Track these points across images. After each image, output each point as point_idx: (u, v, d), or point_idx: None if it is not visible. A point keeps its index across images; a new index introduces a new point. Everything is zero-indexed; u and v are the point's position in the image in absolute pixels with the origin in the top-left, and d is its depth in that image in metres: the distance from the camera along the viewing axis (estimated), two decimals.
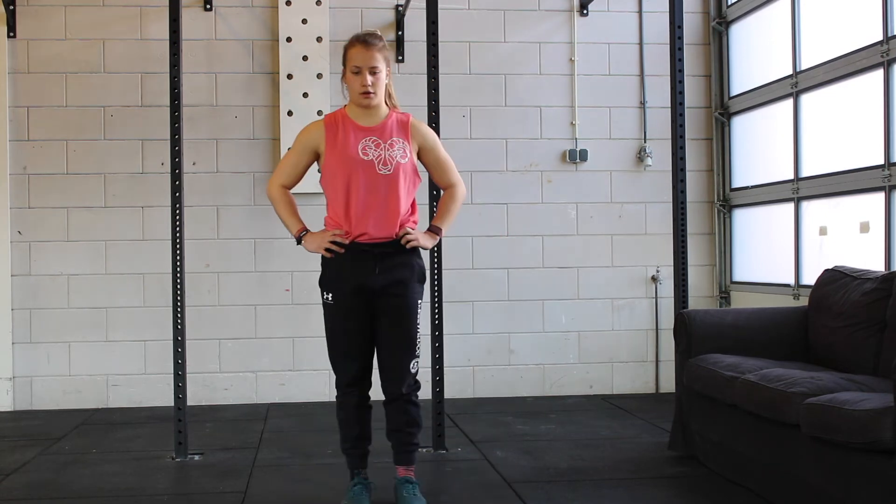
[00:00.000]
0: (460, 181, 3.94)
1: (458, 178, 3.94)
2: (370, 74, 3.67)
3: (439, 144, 3.90)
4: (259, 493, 4.12)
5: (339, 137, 3.72)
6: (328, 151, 3.74)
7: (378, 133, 3.73)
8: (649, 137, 6.61)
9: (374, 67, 3.67)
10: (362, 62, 3.67)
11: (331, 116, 3.80)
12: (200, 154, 6.30)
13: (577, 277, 6.58)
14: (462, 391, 6.44)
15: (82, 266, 6.25)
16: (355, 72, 3.68)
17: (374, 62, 3.67)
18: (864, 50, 5.03)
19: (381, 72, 3.69)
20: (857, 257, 5.05)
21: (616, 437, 5.13)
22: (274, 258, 6.33)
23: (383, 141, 3.71)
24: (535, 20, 6.58)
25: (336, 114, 3.80)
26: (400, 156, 3.71)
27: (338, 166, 3.70)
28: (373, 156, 3.69)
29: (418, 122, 3.85)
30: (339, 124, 3.75)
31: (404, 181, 3.71)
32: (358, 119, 3.75)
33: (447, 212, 3.91)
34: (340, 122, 3.75)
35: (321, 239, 3.74)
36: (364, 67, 3.67)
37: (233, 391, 6.35)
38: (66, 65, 6.25)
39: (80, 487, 4.25)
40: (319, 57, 6.32)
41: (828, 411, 3.34)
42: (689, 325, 4.57)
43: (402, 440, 3.83)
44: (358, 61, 3.67)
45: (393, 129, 3.75)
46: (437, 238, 3.89)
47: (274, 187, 3.86)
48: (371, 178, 3.68)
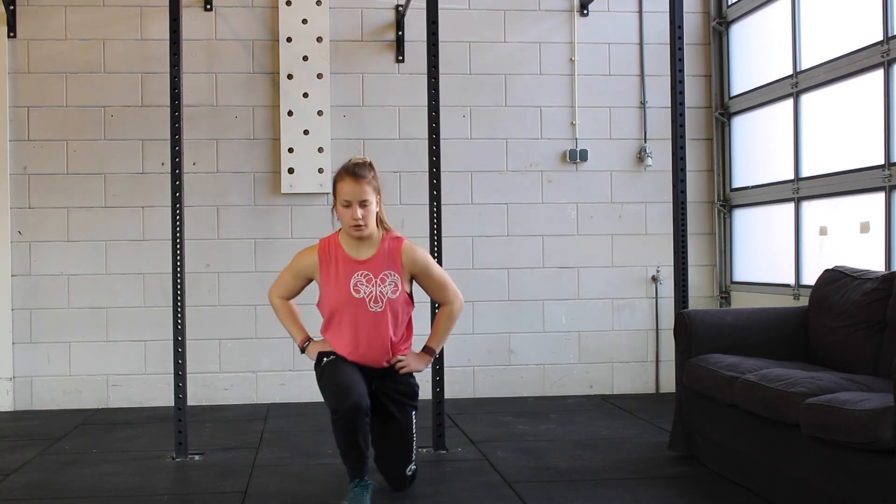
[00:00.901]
0: (457, 297, 4.05)
1: (455, 294, 4.04)
2: (360, 207, 3.76)
3: (431, 266, 4.01)
4: (259, 493, 4.12)
5: (332, 271, 3.86)
6: (323, 283, 3.90)
7: (370, 267, 3.85)
8: (649, 137, 6.61)
9: (364, 201, 3.77)
10: (352, 196, 3.76)
11: (324, 245, 3.91)
12: (200, 154, 6.30)
13: (577, 277, 6.58)
14: (462, 391, 6.44)
15: (82, 266, 6.25)
16: (346, 205, 3.78)
17: (363, 195, 3.76)
18: (864, 50, 5.03)
19: (370, 203, 3.78)
20: (858, 257, 5.04)
21: (616, 437, 5.13)
22: (274, 258, 6.32)
23: (374, 276, 3.84)
24: (535, 20, 6.58)
25: (330, 242, 3.91)
26: (391, 291, 3.85)
27: (332, 302, 3.87)
28: (364, 293, 3.83)
29: (410, 247, 3.93)
30: (333, 256, 3.87)
31: (395, 315, 3.89)
32: (350, 250, 3.87)
33: (441, 331, 4.08)
34: (334, 253, 3.87)
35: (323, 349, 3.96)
36: (354, 201, 3.76)
37: (233, 391, 6.35)
38: (66, 65, 6.25)
39: (80, 487, 4.25)
40: (320, 57, 6.32)
41: (828, 411, 3.34)
42: (689, 325, 4.57)
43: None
44: (348, 195, 3.77)
45: (384, 261, 3.86)
46: (430, 359, 4.07)
47: (274, 297, 4.07)
48: (362, 315, 3.84)
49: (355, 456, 3.77)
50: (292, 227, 6.30)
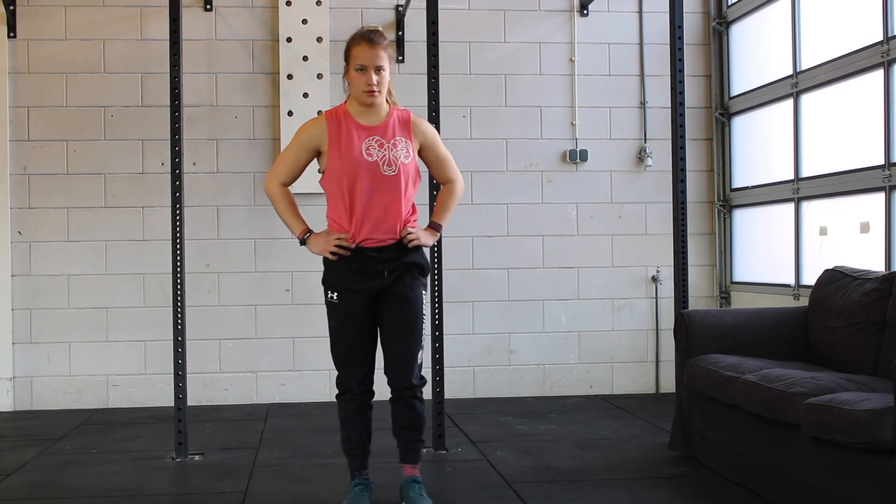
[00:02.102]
0: (459, 176, 3.95)
1: (458, 173, 3.94)
2: (375, 73, 3.63)
3: (439, 141, 3.89)
4: (259, 493, 4.12)
5: (343, 137, 3.68)
6: (331, 151, 3.70)
7: (381, 132, 3.70)
8: (649, 137, 6.61)
9: (380, 66, 3.64)
10: (368, 61, 3.63)
11: (332, 113, 3.75)
12: (200, 154, 6.30)
13: (577, 277, 6.58)
14: (462, 391, 6.44)
15: (82, 266, 6.25)
16: (360, 69, 3.64)
17: (379, 61, 3.63)
18: (864, 50, 5.03)
19: (385, 70, 3.66)
20: (858, 257, 5.04)
21: (616, 437, 5.13)
22: (274, 258, 6.33)
23: (386, 140, 3.69)
24: (535, 20, 6.58)
25: (337, 111, 3.75)
26: (403, 156, 3.69)
27: (342, 168, 3.67)
28: (377, 156, 3.66)
29: (419, 118, 3.83)
30: (342, 122, 3.70)
31: (407, 182, 3.71)
32: (359, 117, 3.71)
33: (446, 207, 3.92)
34: (343, 119, 3.71)
35: (326, 241, 3.71)
36: (370, 66, 3.63)
37: (233, 391, 6.35)
38: (66, 65, 6.25)
39: (80, 487, 4.25)
40: (320, 57, 6.32)
41: (828, 411, 3.34)
42: (689, 325, 4.57)
43: (409, 438, 3.82)
44: (363, 60, 3.63)
45: (395, 127, 3.73)
46: (438, 234, 3.91)
47: (272, 185, 3.81)
48: (375, 180, 3.66)
49: (356, 440, 3.81)
50: None
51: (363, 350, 3.78)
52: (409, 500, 3.76)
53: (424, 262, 3.81)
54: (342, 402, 3.82)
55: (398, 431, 3.84)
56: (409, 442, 3.83)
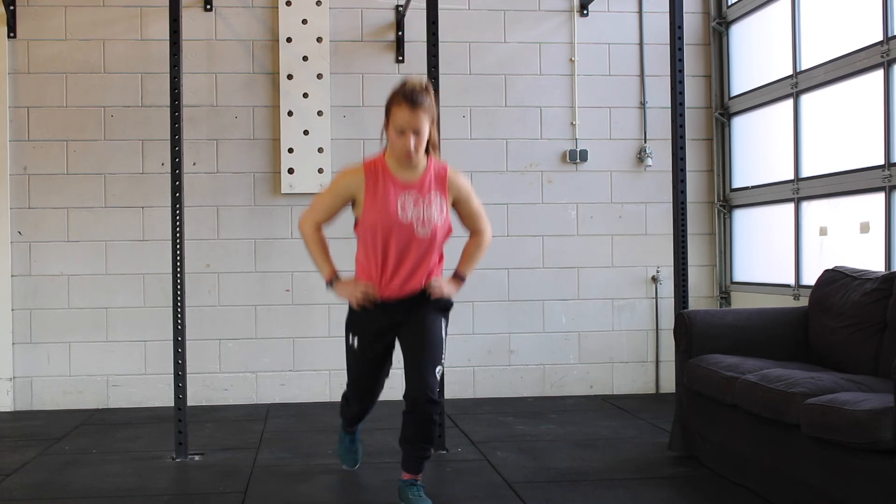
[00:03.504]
0: (489, 228, 3.99)
1: (487, 224, 3.98)
2: (414, 135, 3.61)
3: (473, 196, 3.91)
4: (259, 493, 4.12)
5: (379, 191, 3.69)
6: (367, 203, 3.71)
7: (417, 188, 3.71)
8: (649, 137, 6.61)
9: (419, 129, 3.61)
10: (407, 125, 3.59)
11: (370, 164, 3.75)
12: (200, 154, 6.30)
13: (577, 277, 6.58)
14: (462, 391, 6.43)
15: (82, 266, 6.25)
16: (400, 131, 3.61)
17: (418, 124, 3.59)
18: (864, 50, 5.03)
19: (424, 132, 3.64)
20: (858, 257, 5.05)
21: (616, 438, 5.13)
22: (274, 258, 6.33)
23: (422, 197, 3.71)
24: (535, 20, 6.58)
25: (375, 162, 3.75)
26: (437, 214, 3.72)
27: (377, 223, 3.69)
28: (412, 215, 3.69)
29: (454, 174, 3.83)
30: (380, 175, 3.71)
31: (439, 241, 3.78)
32: (397, 172, 3.72)
33: (472, 258, 3.98)
34: (380, 172, 3.71)
35: (352, 290, 3.76)
36: (409, 130, 3.60)
37: (233, 391, 6.35)
38: (66, 65, 6.25)
39: (80, 487, 4.25)
40: (320, 57, 6.32)
41: (828, 411, 3.34)
42: (689, 325, 4.57)
43: (415, 453, 3.81)
44: (403, 123, 3.59)
45: (431, 183, 3.75)
46: (462, 284, 3.94)
47: (308, 225, 3.84)
48: (408, 239, 3.70)
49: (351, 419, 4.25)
50: (292, 227, 6.30)
51: (374, 388, 4.04)
52: (408, 501, 3.76)
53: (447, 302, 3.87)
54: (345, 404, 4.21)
55: (405, 443, 3.81)
56: (415, 457, 3.81)
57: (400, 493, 3.82)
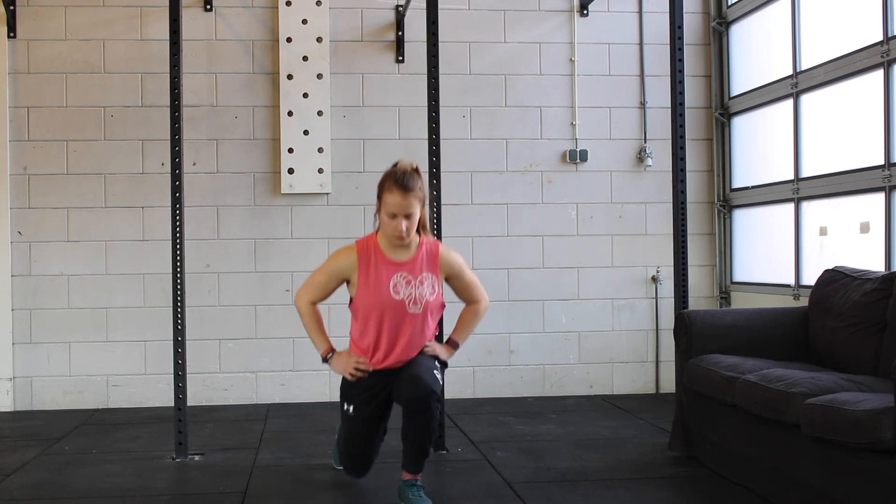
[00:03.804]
0: (484, 297, 4.10)
1: (483, 294, 4.09)
2: (405, 219, 3.73)
3: (465, 270, 4.03)
4: (259, 493, 4.12)
5: (371, 273, 3.82)
6: (360, 284, 3.84)
7: (409, 268, 3.85)
8: (649, 137, 6.61)
9: (410, 213, 3.74)
10: (398, 209, 3.73)
11: (363, 245, 3.87)
12: (200, 154, 6.30)
13: (577, 277, 6.58)
14: (462, 391, 6.43)
15: (82, 266, 6.25)
16: (391, 215, 3.74)
17: (410, 209, 3.74)
18: (864, 50, 5.03)
19: (415, 215, 3.76)
20: (858, 257, 5.05)
21: (616, 438, 5.13)
22: (274, 258, 6.33)
23: (414, 277, 3.84)
24: (535, 20, 6.58)
25: (368, 242, 3.88)
26: (429, 293, 3.85)
27: (371, 304, 3.82)
28: (403, 294, 3.81)
29: (446, 251, 3.96)
30: (371, 257, 3.84)
31: (432, 317, 3.90)
32: (389, 252, 3.85)
33: (467, 327, 4.09)
34: (373, 253, 3.84)
35: (346, 363, 3.91)
36: (400, 214, 3.73)
37: (233, 391, 6.35)
38: (66, 65, 6.25)
39: (80, 487, 4.25)
40: (319, 57, 6.32)
41: (828, 411, 3.34)
42: (689, 325, 4.57)
43: (416, 450, 3.82)
44: (394, 207, 3.73)
45: (423, 263, 3.87)
46: (454, 351, 4.07)
47: (303, 302, 3.97)
48: (401, 317, 3.83)
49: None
50: (292, 227, 6.30)
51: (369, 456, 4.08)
52: (408, 501, 3.77)
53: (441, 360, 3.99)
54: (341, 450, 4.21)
55: (406, 440, 3.83)
56: (416, 454, 3.83)
57: (400, 493, 3.83)
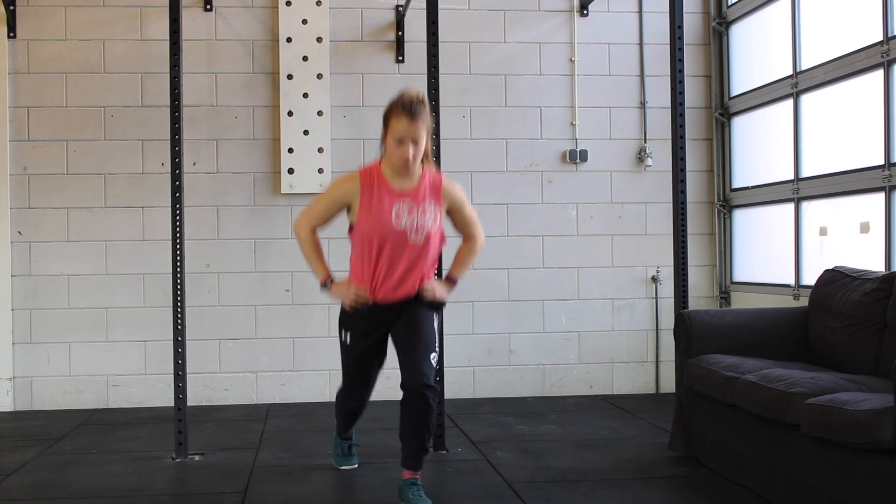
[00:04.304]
0: (481, 233, 4.07)
1: (480, 230, 4.06)
2: (413, 145, 3.70)
3: (467, 203, 3.99)
4: (259, 493, 4.12)
5: (374, 199, 3.78)
6: (361, 210, 3.80)
7: (412, 196, 3.80)
8: (649, 137, 6.61)
9: (417, 140, 3.70)
10: (405, 134, 3.69)
11: (366, 172, 3.84)
12: (200, 154, 6.30)
13: (577, 277, 6.58)
14: (462, 391, 6.43)
15: (82, 266, 6.25)
16: (398, 141, 3.70)
17: (416, 134, 3.69)
18: (864, 50, 5.03)
19: (422, 142, 3.73)
20: (858, 257, 5.04)
21: (616, 438, 5.13)
22: (274, 258, 6.33)
23: (416, 205, 3.79)
24: (535, 20, 6.58)
25: (371, 170, 3.84)
26: (431, 222, 3.81)
27: (371, 230, 3.77)
28: (405, 222, 3.77)
29: (450, 183, 3.93)
30: (375, 183, 3.80)
31: (433, 248, 3.85)
32: (392, 180, 3.81)
33: (464, 263, 4.07)
34: (376, 180, 3.80)
35: (346, 292, 3.87)
36: (407, 140, 3.69)
37: (233, 391, 6.35)
38: (66, 65, 6.25)
39: (80, 487, 4.25)
40: (319, 57, 6.32)
41: (828, 411, 3.34)
42: (689, 325, 4.57)
43: (414, 445, 3.83)
44: (401, 133, 3.69)
45: (426, 192, 3.83)
46: (453, 288, 4.04)
47: (303, 228, 3.93)
48: (402, 246, 3.78)
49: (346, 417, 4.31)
50: (292, 227, 6.29)
51: (368, 383, 4.11)
52: (408, 500, 3.76)
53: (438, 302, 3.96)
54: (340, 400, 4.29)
55: (404, 436, 3.85)
56: (414, 450, 3.84)
57: (400, 493, 3.83)
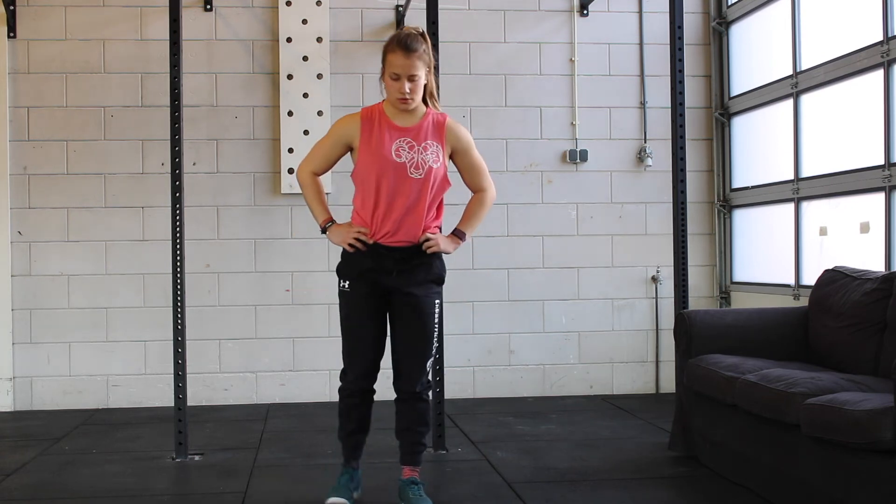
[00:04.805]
0: (491, 186, 3.95)
1: (490, 182, 3.94)
2: (409, 81, 3.62)
3: (473, 147, 3.88)
4: (259, 493, 4.12)
5: (375, 135, 3.70)
6: (362, 147, 3.71)
7: (413, 134, 3.71)
8: (649, 137, 6.61)
9: (413, 75, 3.63)
10: (401, 70, 3.61)
11: (367, 111, 3.77)
12: (200, 154, 6.30)
13: (577, 277, 6.58)
14: (462, 391, 6.43)
15: (82, 266, 6.25)
16: (394, 78, 3.64)
17: (413, 70, 3.61)
18: (864, 50, 5.03)
19: (419, 78, 3.65)
20: (857, 257, 5.04)
21: (616, 438, 5.13)
22: (274, 258, 6.33)
23: (417, 143, 3.70)
24: (535, 20, 6.58)
25: (373, 108, 3.77)
26: (433, 160, 3.70)
27: (370, 165, 3.68)
28: (406, 158, 3.67)
29: (454, 123, 3.83)
30: (376, 121, 3.72)
31: (433, 186, 3.72)
32: (394, 118, 3.73)
33: (473, 216, 3.93)
34: (377, 118, 3.73)
35: (346, 234, 3.73)
36: (403, 75, 3.62)
37: (233, 391, 6.35)
38: (66, 65, 6.25)
39: (80, 487, 4.25)
40: (320, 57, 6.32)
41: (828, 411, 3.34)
42: (689, 325, 4.57)
43: (411, 440, 3.84)
44: (397, 68, 3.62)
45: (428, 130, 3.73)
46: (461, 242, 3.89)
47: (304, 172, 3.85)
48: (402, 181, 3.67)
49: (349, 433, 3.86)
50: (292, 227, 6.30)
51: (369, 343, 3.78)
52: (408, 500, 3.76)
53: (438, 269, 3.82)
54: (342, 397, 3.87)
55: (401, 433, 3.86)
56: (411, 444, 3.85)
57: (400, 492, 3.82)
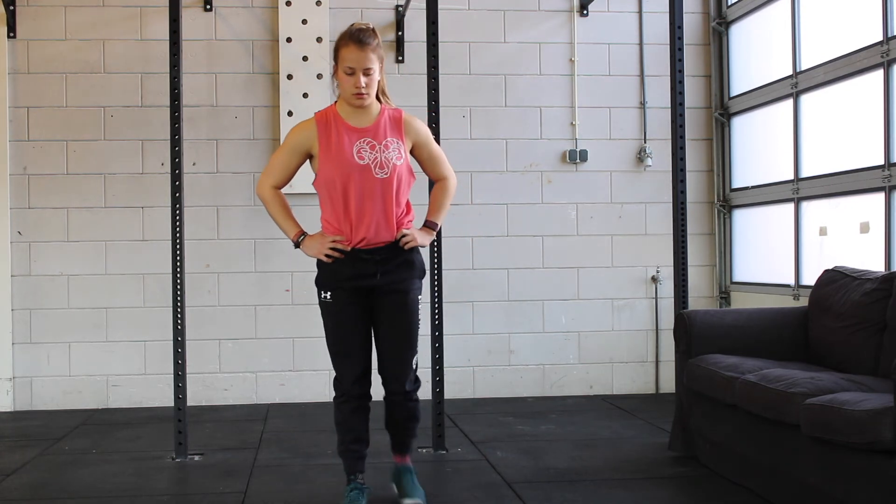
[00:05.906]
0: (452, 173, 3.91)
1: (450, 170, 3.90)
2: (364, 76, 3.57)
3: (431, 139, 3.86)
4: (259, 493, 4.12)
5: (333, 139, 3.63)
6: (322, 154, 3.65)
7: (372, 134, 3.65)
8: (649, 137, 6.61)
9: (368, 69, 3.57)
10: (356, 63, 3.56)
11: (322, 115, 3.70)
12: (200, 154, 6.30)
13: (577, 277, 6.58)
14: (462, 391, 6.44)
15: (82, 266, 6.25)
16: (349, 73, 3.58)
17: (367, 63, 3.56)
18: (864, 50, 5.03)
19: (374, 72, 3.60)
20: (857, 258, 5.05)
21: (616, 438, 5.13)
22: (274, 258, 6.33)
23: (378, 142, 3.64)
24: (535, 20, 6.58)
25: (327, 112, 3.71)
26: (395, 157, 3.64)
27: (334, 171, 3.62)
28: (368, 159, 3.61)
29: (410, 117, 3.78)
30: (332, 124, 3.65)
31: (400, 183, 3.67)
32: (350, 119, 3.67)
33: (440, 205, 3.88)
34: (332, 121, 3.66)
35: (321, 244, 3.67)
36: (358, 69, 3.56)
37: (233, 391, 6.35)
38: (66, 65, 6.25)
39: (80, 487, 4.25)
40: (319, 57, 6.32)
41: (828, 411, 3.34)
42: (689, 325, 4.57)
43: (401, 432, 3.85)
44: (351, 62, 3.56)
45: (387, 128, 3.68)
46: (433, 234, 3.88)
47: (265, 188, 3.75)
48: (368, 182, 3.61)
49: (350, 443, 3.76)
50: None
51: (358, 349, 3.73)
52: (403, 487, 3.77)
53: (420, 263, 3.79)
54: (338, 405, 3.78)
55: (390, 427, 3.86)
56: (402, 436, 3.86)
57: (393, 476, 3.83)
